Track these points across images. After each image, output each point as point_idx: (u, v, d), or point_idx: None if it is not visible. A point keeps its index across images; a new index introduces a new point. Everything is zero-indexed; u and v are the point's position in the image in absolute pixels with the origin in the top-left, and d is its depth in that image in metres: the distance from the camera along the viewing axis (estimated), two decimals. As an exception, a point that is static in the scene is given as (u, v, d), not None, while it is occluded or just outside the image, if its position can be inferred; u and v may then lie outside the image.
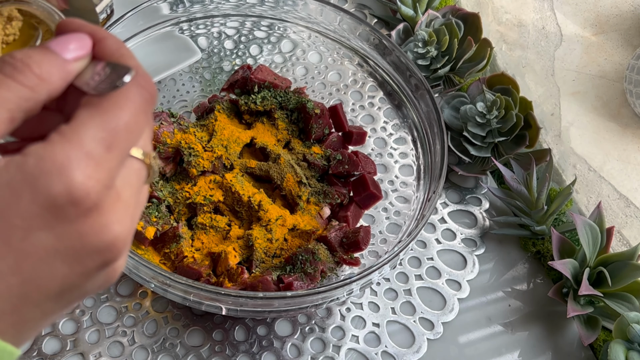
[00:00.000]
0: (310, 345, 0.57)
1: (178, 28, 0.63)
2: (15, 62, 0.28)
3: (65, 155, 0.26)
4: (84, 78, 0.30)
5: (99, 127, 0.28)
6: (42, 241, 0.27)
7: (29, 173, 0.26)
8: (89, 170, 0.27)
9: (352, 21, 0.63)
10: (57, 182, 0.26)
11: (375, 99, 0.69)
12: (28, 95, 0.28)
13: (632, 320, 0.55)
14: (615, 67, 0.77)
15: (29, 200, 0.26)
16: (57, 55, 0.29)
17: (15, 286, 0.27)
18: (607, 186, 0.69)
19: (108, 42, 0.31)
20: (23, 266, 0.27)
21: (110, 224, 0.28)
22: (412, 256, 0.63)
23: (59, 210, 0.26)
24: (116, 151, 0.28)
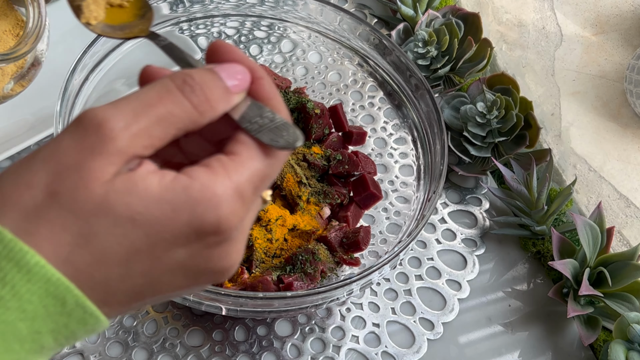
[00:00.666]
0: (310, 346, 0.57)
1: (178, 28, 0.63)
2: (194, 84, 0.30)
3: (224, 190, 0.29)
4: (239, 111, 0.31)
5: (255, 172, 0.31)
6: (178, 256, 0.30)
7: (191, 197, 0.29)
8: (237, 208, 0.30)
9: (352, 21, 0.63)
10: (211, 213, 0.29)
11: (375, 99, 0.69)
12: (196, 118, 0.30)
13: (633, 320, 0.55)
14: (615, 67, 0.77)
15: (185, 222, 0.29)
16: (225, 83, 0.31)
17: (139, 286, 0.30)
18: (607, 186, 0.69)
19: (264, 84, 0.33)
20: (153, 272, 0.30)
21: (233, 253, 0.31)
22: (412, 256, 0.63)
23: (203, 235, 0.29)
24: (257, 194, 0.31)
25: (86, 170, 0.28)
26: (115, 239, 0.28)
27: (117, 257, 0.28)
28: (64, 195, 0.28)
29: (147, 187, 0.29)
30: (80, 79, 0.56)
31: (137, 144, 0.29)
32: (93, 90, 0.58)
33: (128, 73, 0.62)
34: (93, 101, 0.59)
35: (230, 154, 0.31)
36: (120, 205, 0.28)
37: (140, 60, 0.62)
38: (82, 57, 0.55)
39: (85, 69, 0.56)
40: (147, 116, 0.29)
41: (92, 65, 0.57)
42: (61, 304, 0.28)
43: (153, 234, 0.29)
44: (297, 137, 0.31)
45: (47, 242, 0.28)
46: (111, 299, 0.29)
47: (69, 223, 0.28)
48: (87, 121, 0.29)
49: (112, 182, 0.28)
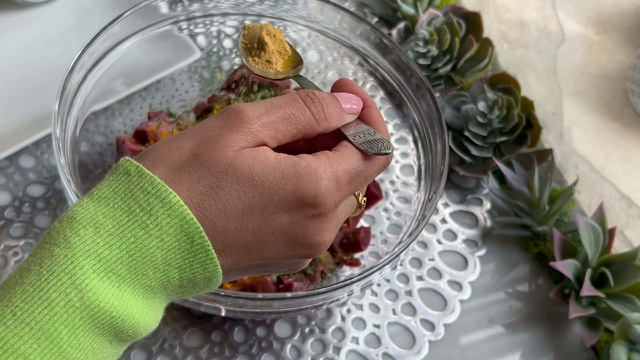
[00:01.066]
0: (310, 347, 0.57)
1: (177, 27, 0.63)
2: (314, 98, 0.39)
3: (324, 171, 0.36)
4: (350, 129, 0.40)
5: (351, 166, 0.38)
6: (282, 220, 0.36)
7: (298, 171, 0.36)
8: (333, 189, 0.37)
9: (352, 20, 0.62)
10: (312, 186, 0.36)
11: (376, 98, 0.69)
12: (312, 124, 0.38)
13: (635, 321, 0.54)
14: (617, 67, 0.77)
15: (290, 189, 0.35)
16: (340, 104, 0.40)
17: (248, 243, 0.36)
18: (609, 186, 0.69)
19: (373, 111, 0.41)
20: (261, 231, 0.36)
21: (325, 231, 0.37)
22: (413, 257, 0.62)
23: (303, 205, 0.36)
24: (352, 186, 0.38)
25: (224, 139, 0.35)
26: (237, 194, 0.35)
27: (235, 210, 0.35)
28: (203, 156, 0.35)
29: (266, 157, 0.36)
30: (79, 78, 0.55)
31: (265, 132, 0.36)
32: (92, 89, 0.58)
33: (127, 72, 0.62)
34: (92, 100, 0.58)
35: (334, 151, 0.38)
36: (244, 167, 0.35)
37: (139, 60, 0.62)
38: (81, 56, 0.55)
39: (83, 68, 0.56)
40: (276, 113, 0.37)
41: (90, 64, 0.57)
42: (190, 242, 0.34)
43: (265, 194, 0.35)
44: (389, 147, 0.39)
45: (185, 189, 0.34)
46: (226, 250, 0.35)
47: (204, 176, 0.35)
48: (230, 109, 0.37)
49: (241, 150, 0.35)
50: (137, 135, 0.60)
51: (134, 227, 0.33)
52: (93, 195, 0.34)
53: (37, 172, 0.63)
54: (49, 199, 0.62)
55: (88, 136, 0.60)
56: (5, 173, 0.63)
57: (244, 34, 0.49)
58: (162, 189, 0.34)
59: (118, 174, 0.35)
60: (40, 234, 0.60)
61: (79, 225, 0.33)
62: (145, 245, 0.33)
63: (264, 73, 0.48)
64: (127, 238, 0.33)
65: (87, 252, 0.32)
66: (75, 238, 0.32)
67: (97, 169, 0.60)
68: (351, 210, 0.40)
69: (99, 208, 0.33)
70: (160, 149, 0.36)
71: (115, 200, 0.34)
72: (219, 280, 0.36)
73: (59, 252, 0.32)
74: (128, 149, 0.58)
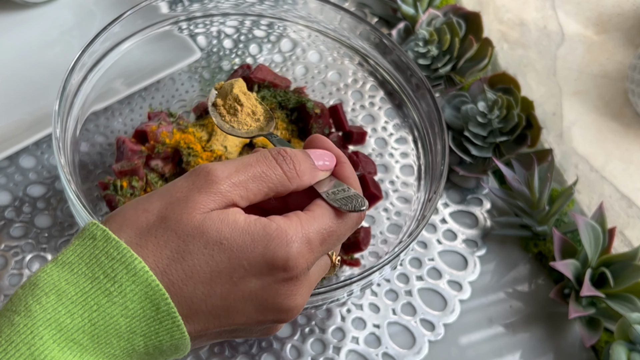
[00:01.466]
0: (310, 347, 0.57)
1: (177, 27, 0.63)
2: (286, 156, 0.38)
3: (295, 233, 0.36)
4: (323, 186, 0.39)
5: (324, 226, 0.37)
6: (252, 285, 0.35)
7: (268, 234, 0.35)
8: (305, 251, 0.36)
9: (352, 20, 0.62)
10: (283, 249, 0.35)
11: (376, 98, 0.69)
12: (284, 182, 0.38)
13: (635, 321, 0.54)
14: (617, 67, 0.77)
15: (260, 252, 0.35)
16: (313, 161, 0.39)
17: (217, 308, 0.35)
18: (609, 186, 0.69)
19: (346, 167, 0.41)
20: (230, 296, 0.35)
21: (297, 295, 0.37)
22: (413, 257, 0.62)
23: (274, 268, 0.35)
24: (324, 247, 0.37)
25: (192, 201, 0.35)
26: (204, 259, 0.34)
27: (203, 275, 0.34)
28: (170, 219, 0.35)
29: (235, 220, 0.35)
30: (79, 78, 0.55)
31: (235, 191, 0.36)
32: (92, 89, 0.58)
33: (127, 72, 0.62)
34: (92, 100, 0.58)
35: (306, 211, 0.38)
36: (212, 230, 0.34)
37: (139, 60, 0.62)
38: (81, 56, 0.55)
39: (84, 68, 0.56)
40: (246, 172, 0.37)
41: (90, 64, 0.57)
42: (155, 309, 0.33)
43: (234, 258, 0.34)
44: (364, 204, 0.39)
45: (152, 253, 0.34)
46: (194, 316, 0.34)
47: (171, 240, 0.34)
48: (199, 170, 0.36)
49: (210, 213, 0.35)
50: (137, 135, 0.60)
51: (97, 295, 0.32)
52: (58, 260, 0.33)
53: (37, 172, 0.63)
54: (49, 199, 0.62)
55: (88, 136, 0.60)
56: (6, 173, 0.63)
57: (217, 93, 0.49)
58: (127, 254, 0.33)
59: (84, 238, 0.34)
60: (40, 234, 0.60)
61: (41, 292, 0.32)
62: (108, 313, 0.32)
63: (235, 131, 0.48)
64: (89, 306, 0.32)
65: (48, 320, 0.31)
66: (37, 306, 0.31)
67: (97, 169, 0.60)
68: (325, 271, 0.40)
69: (62, 274, 0.33)
70: (127, 212, 0.35)
71: (80, 266, 0.33)
72: (187, 347, 0.35)
73: (19, 321, 0.31)
74: (128, 149, 0.58)
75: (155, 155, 0.58)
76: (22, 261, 0.58)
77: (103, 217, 0.55)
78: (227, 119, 0.49)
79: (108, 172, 0.61)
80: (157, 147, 0.58)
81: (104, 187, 0.56)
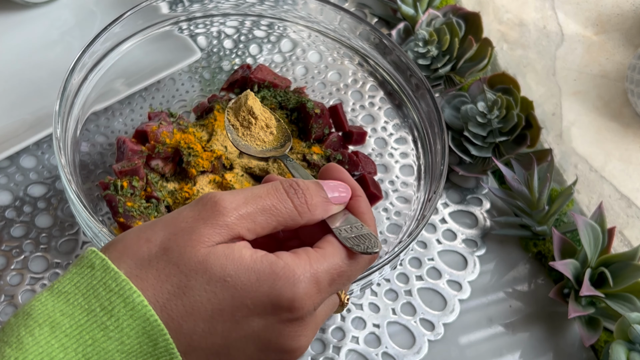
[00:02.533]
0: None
1: (177, 27, 0.63)
2: (298, 189, 0.36)
3: (303, 272, 0.34)
4: (336, 221, 0.37)
5: (334, 266, 0.35)
6: (254, 324, 0.34)
7: (275, 272, 0.33)
8: (312, 292, 0.34)
9: (352, 20, 0.62)
10: (289, 289, 0.33)
11: (376, 98, 0.69)
12: (295, 216, 0.36)
13: (634, 321, 0.54)
14: (616, 67, 0.77)
15: (265, 292, 0.33)
16: (326, 194, 0.38)
17: (217, 346, 0.33)
18: (608, 186, 0.69)
19: (361, 201, 0.39)
20: (231, 335, 0.33)
21: (302, 336, 0.35)
22: (413, 257, 0.63)
23: (278, 309, 0.33)
24: (333, 287, 0.36)
25: (197, 234, 0.33)
26: (207, 295, 0.33)
27: (204, 312, 0.33)
28: (174, 251, 0.33)
29: (241, 256, 0.33)
30: (80, 79, 0.56)
31: (243, 224, 0.34)
32: (92, 89, 0.58)
33: (127, 72, 0.62)
34: (92, 100, 0.58)
35: (317, 248, 0.36)
36: (217, 266, 0.33)
37: (140, 60, 0.62)
38: (81, 56, 0.55)
39: (84, 68, 0.56)
40: (255, 204, 0.35)
41: (91, 64, 0.57)
42: (153, 345, 0.31)
43: (237, 297, 0.33)
44: (376, 245, 0.37)
45: (152, 287, 0.32)
46: (192, 353, 0.33)
47: (172, 274, 0.33)
48: (206, 199, 0.35)
49: (214, 247, 0.33)
50: (137, 135, 0.60)
51: (92, 329, 0.31)
52: (53, 289, 0.32)
53: (38, 172, 0.63)
54: (50, 199, 0.62)
55: (89, 136, 0.60)
56: (6, 173, 0.63)
57: (231, 107, 0.48)
58: (126, 286, 0.31)
59: (82, 266, 0.33)
60: (41, 234, 0.60)
61: (34, 323, 0.31)
62: (103, 348, 0.31)
63: (249, 148, 0.45)
64: (84, 340, 0.31)
65: (40, 354, 0.30)
66: (29, 338, 0.30)
67: (97, 169, 0.61)
68: (332, 310, 0.38)
69: (57, 304, 0.31)
70: (128, 240, 0.34)
71: (76, 296, 0.32)
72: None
73: (10, 354, 0.30)
74: (128, 149, 0.58)
75: (155, 155, 0.58)
76: (23, 261, 0.58)
77: (103, 217, 0.55)
78: (240, 132, 0.48)
79: (108, 172, 0.61)
80: (158, 147, 0.58)
81: (105, 187, 0.56)
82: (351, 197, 0.39)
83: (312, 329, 0.36)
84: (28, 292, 0.57)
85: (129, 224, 0.54)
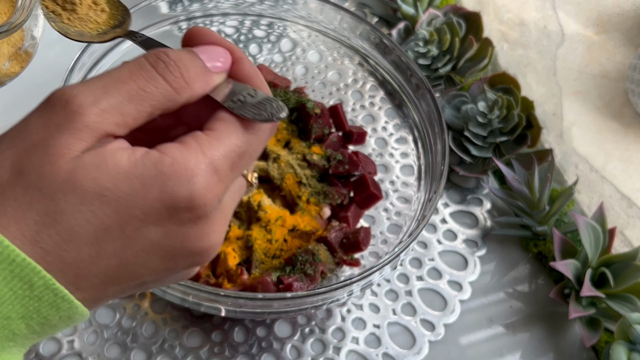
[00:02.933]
0: (310, 347, 0.57)
1: (177, 27, 0.63)
2: (169, 60, 0.30)
3: (197, 164, 0.28)
4: (221, 92, 0.31)
5: (231, 147, 0.30)
6: (151, 235, 0.29)
7: (162, 172, 0.28)
8: (212, 183, 0.29)
9: (352, 20, 0.62)
10: (184, 187, 0.28)
11: (376, 98, 0.69)
12: (172, 95, 0.30)
13: (635, 321, 0.54)
14: (617, 67, 0.77)
15: (155, 197, 0.28)
16: (203, 63, 0.31)
17: (112, 268, 0.28)
18: (609, 186, 0.69)
19: (245, 63, 0.33)
20: (126, 253, 0.28)
21: (211, 233, 0.30)
22: (413, 257, 0.63)
23: (176, 212, 0.28)
24: (236, 172, 0.30)
25: (53, 146, 0.27)
26: (84, 217, 0.27)
27: (86, 236, 0.28)
28: (30, 173, 0.27)
29: (116, 162, 0.28)
30: (79, 79, 0.56)
31: (108, 120, 0.28)
32: (92, 89, 0.58)
33: (127, 72, 0.62)
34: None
35: (207, 130, 0.30)
36: (88, 181, 0.27)
37: (139, 60, 0.62)
38: (81, 56, 0.55)
39: (83, 68, 0.56)
40: (118, 92, 0.28)
41: (90, 64, 0.57)
42: (29, 287, 0.27)
43: (122, 210, 0.28)
44: (281, 108, 0.30)
45: (14, 221, 0.27)
46: (84, 282, 0.28)
47: (35, 201, 0.27)
48: (55, 99, 0.28)
49: (79, 158, 0.27)
50: (137, 135, 0.60)
51: None
52: None
53: (37, 172, 0.63)
54: (49, 199, 0.62)
55: (88, 136, 0.60)
56: (6, 173, 0.63)
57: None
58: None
59: None
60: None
61: None
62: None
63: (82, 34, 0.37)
64: None
65: None
66: None
67: (97, 169, 0.60)
68: (240, 195, 0.33)
69: None
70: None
71: None
72: (84, 314, 0.29)
73: None
74: (128, 149, 0.58)
75: (155, 155, 0.58)
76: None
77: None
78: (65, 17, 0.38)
79: None
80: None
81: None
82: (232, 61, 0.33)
83: (220, 222, 0.31)
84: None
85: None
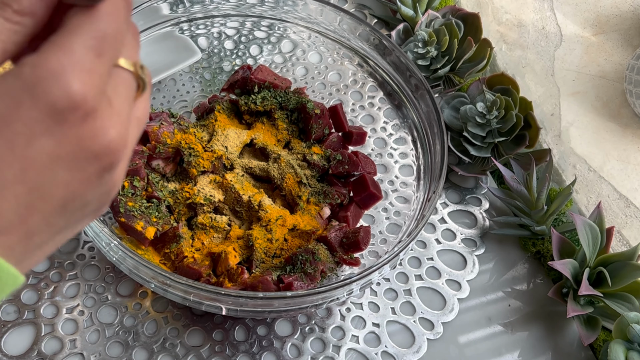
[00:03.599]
0: (310, 345, 0.57)
1: (178, 28, 0.64)
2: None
3: (58, 62, 0.26)
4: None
5: (87, 34, 0.28)
6: (45, 147, 0.27)
7: (26, 80, 0.26)
8: (83, 76, 0.27)
9: (352, 21, 0.63)
10: (55, 88, 0.26)
11: (375, 99, 0.69)
12: (15, 28, 0.28)
13: (632, 320, 0.55)
14: (615, 67, 0.77)
15: (29, 106, 0.26)
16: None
17: (21, 195, 0.27)
18: (607, 186, 0.69)
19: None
20: (28, 173, 0.27)
21: (105, 128, 0.28)
22: (412, 256, 0.63)
23: (59, 114, 0.27)
24: (105, 57, 0.28)
25: None
26: None
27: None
28: None
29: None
30: None
31: None
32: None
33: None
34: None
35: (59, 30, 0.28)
36: None
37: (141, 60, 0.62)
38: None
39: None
40: None
41: None
42: None
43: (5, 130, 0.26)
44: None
45: None
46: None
47: None
48: None
49: None
50: (138, 135, 0.60)
51: None
52: None
53: (39, 172, 0.63)
54: (51, 198, 0.62)
55: (90, 136, 0.60)
56: (8, 173, 0.63)
57: None
58: None
59: None
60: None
61: None
62: None
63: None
64: None
65: None
66: None
67: (98, 169, 0.61)
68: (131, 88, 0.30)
69: None
70: None
71: None
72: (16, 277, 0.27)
73: None
74: (130, 149, 0.58)
75: (156, 155, 0.59)
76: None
77: (105, 217, 0.55)
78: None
79: None
80: (159, 147, 0.58)
81: (106, 187, 0.56)
82: None
83: (113, 116, 0.28)
84: (29, 291, 0.57)
85: (130, 224, 0.54)
